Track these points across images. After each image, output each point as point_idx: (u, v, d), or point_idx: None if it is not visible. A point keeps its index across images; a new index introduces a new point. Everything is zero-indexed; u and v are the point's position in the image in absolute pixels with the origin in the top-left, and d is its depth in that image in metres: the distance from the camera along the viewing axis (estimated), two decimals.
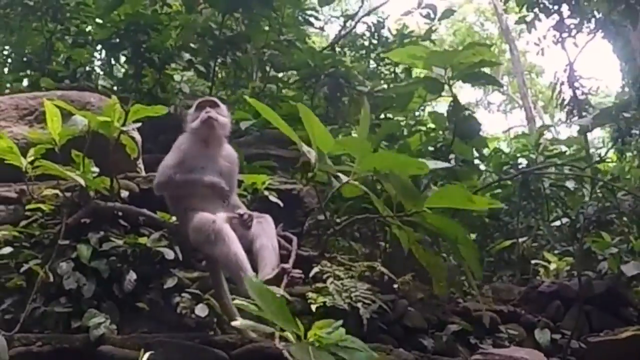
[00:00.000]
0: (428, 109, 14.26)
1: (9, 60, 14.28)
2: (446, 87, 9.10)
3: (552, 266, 10.68)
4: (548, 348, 8.40)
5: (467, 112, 9.50)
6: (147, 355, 5.22)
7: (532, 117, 33.80)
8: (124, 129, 7.13)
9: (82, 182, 6.92)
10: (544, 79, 40.62)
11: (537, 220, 12.47)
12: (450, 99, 9.33)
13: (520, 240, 11.44)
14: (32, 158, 7.02)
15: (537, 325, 8.86)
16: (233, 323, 5.21)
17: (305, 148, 6.70)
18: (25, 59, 13.36)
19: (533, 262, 11.07)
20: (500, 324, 8.59)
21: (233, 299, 5.64)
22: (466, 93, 40.32)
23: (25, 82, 13.10)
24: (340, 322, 5.06)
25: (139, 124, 7.27)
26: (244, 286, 5.78)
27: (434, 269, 6.64)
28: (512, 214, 12.15)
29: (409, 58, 9.30)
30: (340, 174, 6.68)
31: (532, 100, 37.15)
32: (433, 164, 7.09)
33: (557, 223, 12.40)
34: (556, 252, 11.20)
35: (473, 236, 10.51)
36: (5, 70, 14.08)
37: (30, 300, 6.55)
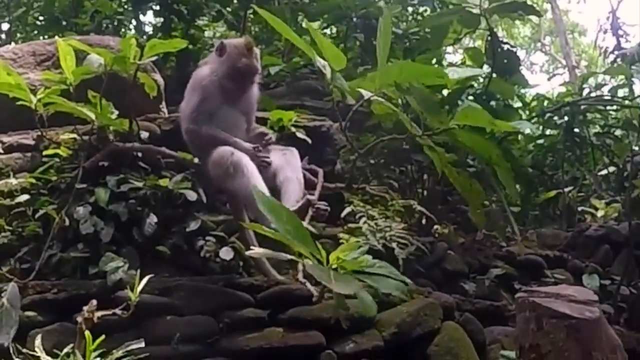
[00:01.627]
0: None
1: (38, 23, 14.06)
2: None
3: (600, 213, 10.42)
4: (597, 294, 7.93)
5: (505, 47, 9.08)
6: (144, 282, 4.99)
7: (575, 77, 33.26)
8: (141, 63, 6.82)
9: (93, 116, 6.63)
10: (587, 38, 40.20)
11: (583, 170, 12.15)
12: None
13: (566, 190, 11.18)
14: (41, 96, 6.69)
15: (584, 271, 8.66)
16: (248, 252, 4.89)
17: (320, 62, 6.37)
18: (53, 20, 13.10)
19: (579, 209, 10.92)
20: (547, 268, 8.40)
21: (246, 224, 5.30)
22: None
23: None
24: (367, 247, 4.75)
25: (154, 57, 6.96)
26: (265, 221, 5.51)
27: (470, 194, 6.35)
28: (556, 165, 11.88)
29: None
30: (362, 90, 6.34)
31: (576, 59, 36.63)
32: (456, 72, 6.76)
33: (604, 172, 12.10)
34: (603, 201, 10.84)
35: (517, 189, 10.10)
36: (34, 32, 13.86)
37: (46, 247, 6.36)
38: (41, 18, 13.71)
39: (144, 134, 7.34)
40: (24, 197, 6.79)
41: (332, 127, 8.29)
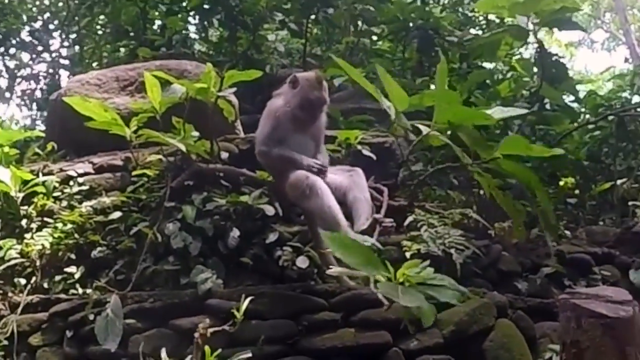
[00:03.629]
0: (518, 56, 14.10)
1: (106, 31, 14.54)
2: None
3: None
4: None
5: (553, 58, 9.54)
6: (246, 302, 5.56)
7: (636, 54, 32.91)
8: (220, 94, 7.43)
9: (182, 147, 7.21)
10: None
11: (637, 161, 11.90)
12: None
13: (620, 182, 11.12)
14: (135, 127, 7.36)
15: (631, 266, 8.77)
16: (328, 271, 5.42)
17: (386, 103, 6.93)
18: (120, 30, 13.66)
19: (630, 203, 10.74)
20: (594, 265, 8.61)
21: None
22: (568, 33, 39.24)
23: (122, 52, 13.46)
24: (427, 262, 5.28)
25: (234, 89, 7.57)
26: None
27: (513, 213, 6.90)
28: (611, 156, 11.80)
29: (494, 8, 9.37)
30: (420, 126, 6.91)
31: (636, 36, 36.14)
32: (500, 112, 7.28)
33: None
34: None
35: (573, 180, 10.39)
36: (102, 42, 14.36)
37: (140, 261, 6.99)
38: (107, 29, 14.21)
39: (224, 154, 7.92)
40: (117, 214, 7.43)
41: (394, 143, 8.75)
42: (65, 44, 14.57)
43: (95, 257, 7.27)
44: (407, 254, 6.92)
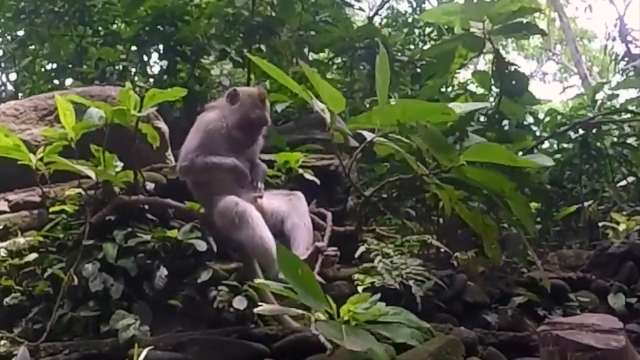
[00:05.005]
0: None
1: (47, 68, 14.07)
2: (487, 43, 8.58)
3: (622, 227, 10.14)
4: (623, 313, 7.89)
5: (512, 67, 8.97)
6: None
7: (588, 83, 33.24)
8: (140, 114, 6.75)
9: (92, 174, 6.55)
10: (596, 43, 40.28)
11: (602, 182, 12.00)
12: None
13: (586, 204, 11.04)
14: (41, 155, 6.69)
15: (610, 290, 8.39)
16: (257, 309, 4.81)
17: (319, 106, 6.24)
18: (59, 67, 13.10)
19: (601, 224, 10.58)
20: (570, 291, 8.17)
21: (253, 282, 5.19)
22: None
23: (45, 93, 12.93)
24: (377, 295, 4.64)
25: (154, 109, 6.96)
26: (273, 271, 5.51)
27: (483, 229, 6.15)
28: (575, 179, 11.71)
29: (444, 15, 8.87)
30: (364, 132, 6.19)
31: (587, 66, 36.58)
32: (460, 107, 6.58)
33: (623, 183, 11.89)
34: (624, 213, 10.62)
35: (536, 205, 9.99)
36: (40, 81, 13.84)
37: (56, 307, 6.30)
38: (48, 67, 13.72)
39: (150, 185, 7.28)
40: (33, 255, 6.72)
41: (339, 166, 8.20)
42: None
43: (9, 305, 6.54)
44: (360, 289, 6.34)
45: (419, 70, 11.18)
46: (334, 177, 8.30)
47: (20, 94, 13.25)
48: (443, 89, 11.09)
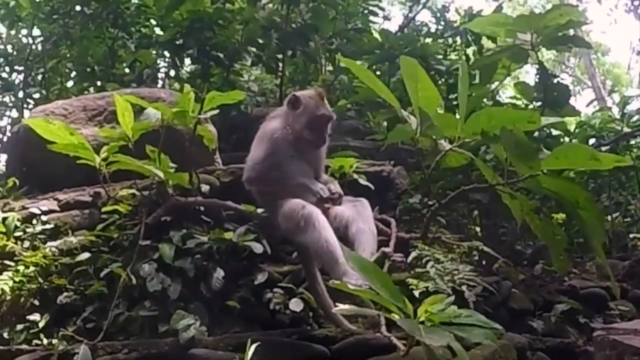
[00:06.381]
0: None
1: (73, 72, 14.04)
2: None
3: None
4: None
5: (556, 79, 8.98)
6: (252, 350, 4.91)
7: (602, 97, 33.21)
8: (201, 116, 6.82)
9: (161, 174, 6.58)
10: (610, 57, 40.22)
11: (626, 195, 11.93)
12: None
13: (612, 217, 11.06)
14: (105, 154, 6.71)
15: None
16: (334, 310, 4.82)
17: (404, 112, 6.23)
18: (89, 69, 13.09)
19: (631, 236, 10.76)
20: (609, 300, 8.20)
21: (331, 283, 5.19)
22: (531, 77, 39.97)
23: (90, 91, 12.87)
24: (452, 298, 4.69)
25: (216, 111, 6.96)
26: (336, 274, 5.59)
27: (552, 241, 6.05)
28: (599, 191, 11.64)
29: (491, 26, 8.83)
30: (442, 141, 6.21)
31: (601, 79, 36.60)
32: (544, 119, 6.60)
33: None
34: None
35: (562, 216, 10.00)
36: (70, 83, 13.83)
37: (112, 306, 6.32)
38: (75, 69, 13.71)
39: (205, 187, 7.32)
40: (85, 255, 6.75)
41: (392, 172, 8.23)
42: (31, 82, 13.94)
43: (62, 303, 6.57)
44: (415, 293, 6.29)
45: (456, 80, 11.11)
46: (386, 183, 8.34)
47: (48, 97, 13.26)
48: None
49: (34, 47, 13.59)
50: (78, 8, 12.56)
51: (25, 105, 13.10)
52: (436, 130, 6.13)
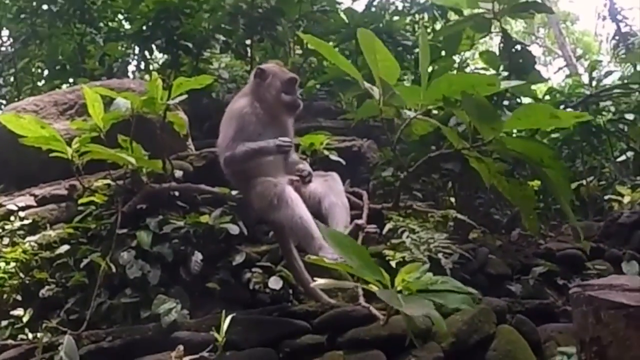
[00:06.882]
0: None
1: (45, 71, 14.01)
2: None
3: (626, 199, 10.28)
4: None
5: (519, 46, 9.01)
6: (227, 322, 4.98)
7: (573, 65, 33.25)
8: (170, 102, 6.84)
9: (134, 161, 6.62)
10: (579, 25, 40.24)
11: (599, 159, 12.08)
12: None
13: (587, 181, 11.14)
14: (77, 146, 6.73)
15: (623, 258, 8.50)
16: (313, 284, 4.89)
17: (366, 84, 6.30)
18: (59, 67, 13.08)
19: (606, 197, 10.80)
20: (586, 261, 8.27)
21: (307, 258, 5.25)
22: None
23: (62, 88, 12.85)
24: (427, 265, 4.75)
25: (184, 97, 6.96)
26: (312, 249, 5.64)
27: (521, 201, 6.14)
28: (572, 157, 11.81)
29: None
30: (406, 110, 6.26)
31: (571, 48, 36.62)
32: (505, 83, 6.66)
33: (622, 158, 12.02)
34: (627, 187, 10.71)
35: (537, 183, 10.10)
36: (41, 83, 13.79)
37: (94, 296, 6.37)
38: (46, 67, 13.68)
39: (178, 173, 7.35)
40: (65, 247, 6.80)
41: (363, 146, 8.28)
42: (2, 83, 13.90)
43: (44, 297, 6.65)
44: (392, 264, 6.31)
45: None
46: (357, 158, 8.41)
47: (20, 96, 13.23)
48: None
49: (3, 48, 13.63)
50: (45, 7, 12.52)
51: None
52: (398, 99, 6.19)
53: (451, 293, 4.49)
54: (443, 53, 9.46)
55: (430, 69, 8.57)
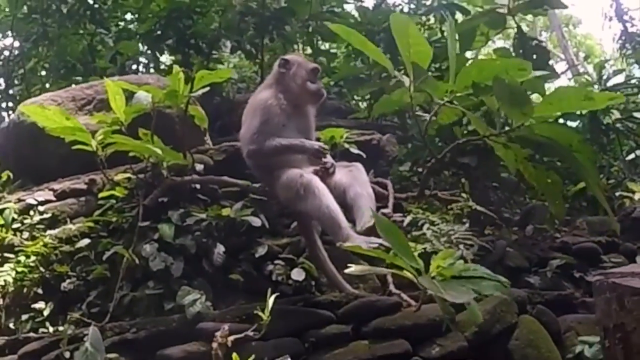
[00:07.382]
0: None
1: (55, 70, 13.99)
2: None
3: (637, 195, 10.29)
4: None
5: (534, 42, 9.03)
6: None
7: (576, 69, 33.27)
8: (193, 94, 6.86)
9: (159, 151, 6.61)
10: (581, 29, 40.30)
11: (608, 158, 12.08)
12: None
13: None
14: (102, 137, 6.73)
15: (637, 252, 8.52)
16: (347, 270, 4.83)
17: (397, 74, 6.32)
18: (68, 67, 13.05)
19: (617, 194, 10.70)
20: (602, 254, 8.29)
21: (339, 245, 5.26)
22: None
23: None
24: (460, 252, 4.76)
25: (207, 89, 6.96)
26: (340, 238, 5.62)
27: (548, 187, 6.13)
28: None
29: None
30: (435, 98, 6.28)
31: (573, 52, 36.62)
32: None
33: (632, 156, 11.92)
34: (637, 183, 10.74)
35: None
36: (48, 84, 13.78)
37: (117, 289, 6.37)
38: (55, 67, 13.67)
39: (199, 166, 7.36)
40: (85, 241, 6.82)
41: (382, 140, 8.29)
42: (11, 83, 13.89)
43: (65, 290, 6.65)
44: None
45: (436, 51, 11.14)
46: (377, 151, 8.41)
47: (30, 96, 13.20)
48: None
49: (13, 49, 13.64)
50: (55, 7, 12.55)
51: (7, 105, 13.12)
52: (430, 84, 6.18)
53: (483, 279, 4.51)
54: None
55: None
